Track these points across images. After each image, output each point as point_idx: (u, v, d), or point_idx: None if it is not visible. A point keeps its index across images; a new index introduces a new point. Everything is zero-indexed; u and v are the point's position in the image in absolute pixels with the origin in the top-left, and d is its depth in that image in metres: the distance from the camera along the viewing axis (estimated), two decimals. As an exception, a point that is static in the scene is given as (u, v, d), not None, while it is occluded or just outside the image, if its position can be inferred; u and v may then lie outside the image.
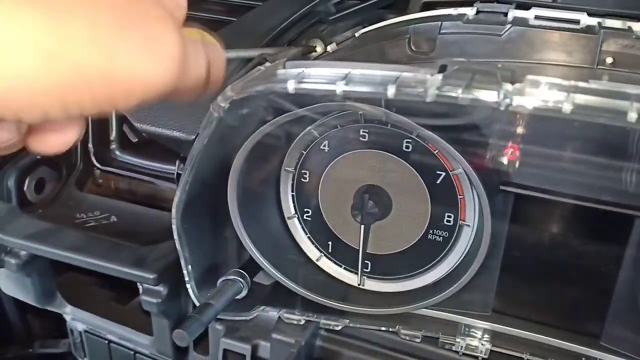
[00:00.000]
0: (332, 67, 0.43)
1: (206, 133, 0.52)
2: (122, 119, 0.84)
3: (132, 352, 0.90)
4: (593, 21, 0.58)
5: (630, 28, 0.56)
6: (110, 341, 0.91)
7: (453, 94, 0.38)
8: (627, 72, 0.55)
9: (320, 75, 0.42)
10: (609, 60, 0.56)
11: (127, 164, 0.93)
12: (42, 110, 0.30)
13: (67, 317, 0.94)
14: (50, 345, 1.15)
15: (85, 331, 0.94)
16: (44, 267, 0.84)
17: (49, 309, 0.89)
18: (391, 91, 0.39)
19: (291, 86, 0.42)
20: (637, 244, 0.60)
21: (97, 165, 0.93)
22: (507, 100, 0.37)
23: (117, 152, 0.94)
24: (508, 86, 0.38)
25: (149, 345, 0.84)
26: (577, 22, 0.58)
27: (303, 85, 0.42)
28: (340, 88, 0.41)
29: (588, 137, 0.57)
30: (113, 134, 0.94)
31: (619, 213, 0.59)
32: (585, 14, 0.58)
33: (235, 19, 0.77)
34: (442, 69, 0.41)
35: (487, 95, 0.37)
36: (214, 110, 0.49)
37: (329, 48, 0.69)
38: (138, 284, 0.79)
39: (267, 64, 0.49)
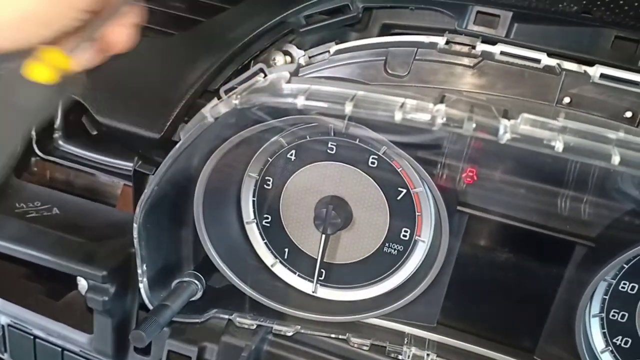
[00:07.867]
0: (337, 87, 0.44)
1: (192, 136, 0.52)
2: (81, 110, 0.80)
3: (59, 349, 0.87)
4: (552, 62, 0.63)
5: (586, 72, 0.61)
6: (35, 337, 0.87)
7: (457, 125, 0.41)
8: (582, 112, 0.60)
9: (328, 94, 0.44)
10: (567, 100, 0.61)
11: (70, 155, 0.89)
12: None
13: (-11, 310, 0.89)
14: (-41, 338, 1.08)
15: (9, 325, 0.89)
16: (-27, 256, 0.80)
17: (-23, 301, 0.84)
18: (398, 116, 0.42)
19: (300, 102, 0.43)
20: (575, 269, 0.65)
21: (39, 153, 0.89)
22: (508, 135, 0.40)
23: (61, 142, 0.90)
24: (505, 121, 0.41)
25: (85, 344, 0.81)
26: (538, 61, 0.63)
27: (312, 103, 0.43)
28: (348, 108, 0.42)
29: (541, 167, 0.62)
30: (57, 123, 0.90)
31: (562, 238, 0.65)
32: (545, 54, 0.63)
33: (202, 19, 0.77)
34: (442, 99, 0.43)
35: (489, 129, 0.40)
36: (211, 116, 0.49)
37: (301, 60, 0.70)
38: (78, 280, 0.76)
39: (262, 74, 0.50)
